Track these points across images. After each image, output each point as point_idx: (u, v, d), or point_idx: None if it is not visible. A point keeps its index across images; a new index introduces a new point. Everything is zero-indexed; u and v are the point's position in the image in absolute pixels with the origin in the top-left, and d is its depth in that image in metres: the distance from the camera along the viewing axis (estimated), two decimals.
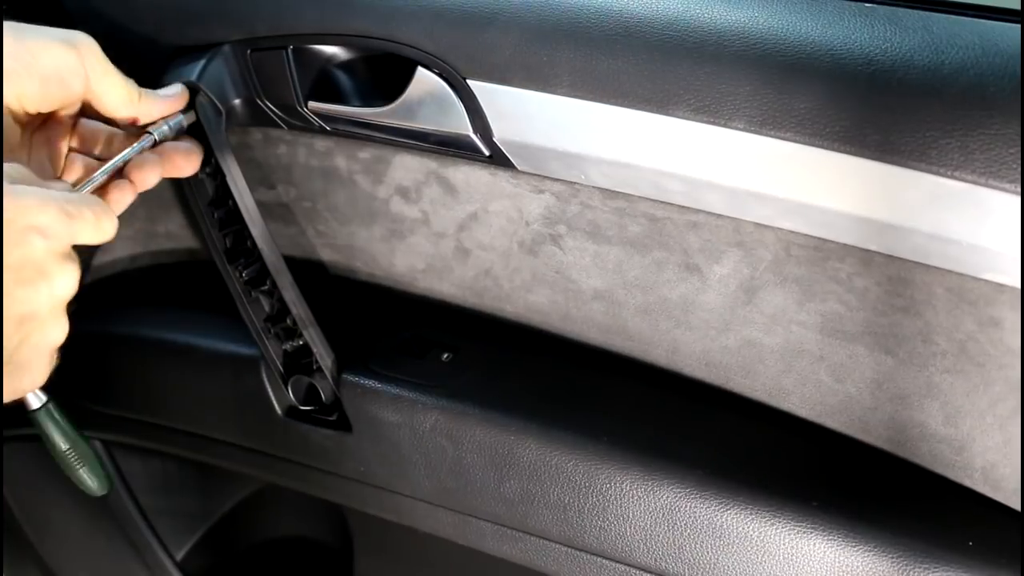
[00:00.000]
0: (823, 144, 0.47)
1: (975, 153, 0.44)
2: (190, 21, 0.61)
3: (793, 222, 0.51)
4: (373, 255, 0.70)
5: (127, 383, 0.80)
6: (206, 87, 0.58)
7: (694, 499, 0.58)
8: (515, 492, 0.64)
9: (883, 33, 0.47)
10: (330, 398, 0.68)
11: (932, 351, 0.53)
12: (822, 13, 0.49)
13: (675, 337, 0.61)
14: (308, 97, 0.60)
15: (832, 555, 0.55)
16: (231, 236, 0.62)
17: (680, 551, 0.59)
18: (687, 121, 0.50)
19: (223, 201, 0.61)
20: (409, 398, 0.65)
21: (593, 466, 0.61)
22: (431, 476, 0.66)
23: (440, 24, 0.54)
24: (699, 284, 0.58)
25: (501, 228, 0.63)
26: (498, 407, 0.64)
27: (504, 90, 0.54)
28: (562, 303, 0.64)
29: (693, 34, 0.50)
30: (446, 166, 0.62)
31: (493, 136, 0.56)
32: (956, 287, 0.50)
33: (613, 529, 0.61)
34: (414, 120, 0.58)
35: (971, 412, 0.53)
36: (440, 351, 0.69)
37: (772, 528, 0.56)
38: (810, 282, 0.54)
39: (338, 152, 0.65)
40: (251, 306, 0.64)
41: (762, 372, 0.59)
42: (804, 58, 0.47)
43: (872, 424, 0.57)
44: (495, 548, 0.67)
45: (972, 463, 0.55)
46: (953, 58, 0.45)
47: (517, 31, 0.52)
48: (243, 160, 0.69)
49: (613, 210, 0.58)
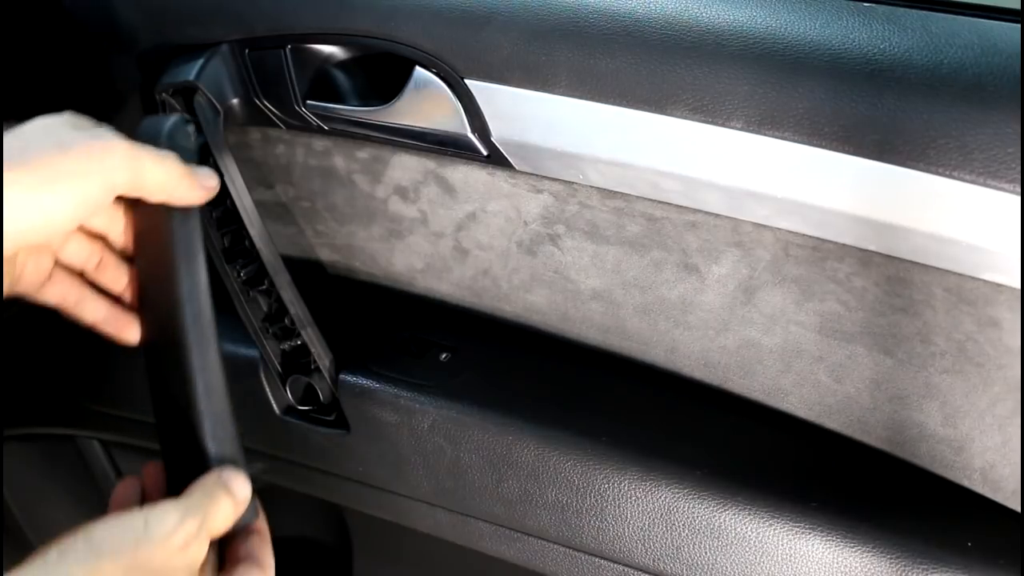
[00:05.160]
0: (821, 144, 0.47)
1: (974, 153, 0.44)
2: (188, 20, 0.61)
3: (791, 222, 0.51)
4: (371, 255, 0.70)
5: (127, 383, 0.80)
6: (204, 86, 0.58)
7: (692, 499, 0.58)
8: (513, 492, 0.63)
9: (882, 32, 0.47)
10: (328, 398, 0.68)
11: (931, 351, 0.53)
12: (820, 12, 0.49)
13: (674, 337, 0.61)
14: (306, 96, 0.60)
15: (831, 555, 0.55)
16: (229, 236, 0.62)
17: (678, 551, 0.59)
18: (685, 121, 0.50)
19: (221, 200, 0.61)
20: (407, 398, 0.65)
21: (591, 466, 0.60)
22: (429, 476, 0.66)
23: (438, 23, 0.54)
24: (697, 284, 0.58)
25: (499, 228, 0.63)
26: (496, 407, 0.64)
27: (502, 90, 0.54)
28: (560, 303, 0.64)
29: (691, 34, 0.49)
30: (444, 166, 0.62)
31: (491, 136, 0.56)
32: (955, 287, 0.50)
33: (611, 529, 0.61)
34: (412, 120, 0.58)
35: (970, 412, 0.53)
36: (438, 351, 0.68)
37: (771, 528, 0.56)
38: (809, 282, 0.54)
39: (336, 152, 0.65)
40: (249, 306, 0.64)
41: (761, 372, 0.59)
42: (802, 57, 0.47)
43: (871, 424, 0.57)
44: (493, 548, 0.67)
45: (971, 463, 0.55)
46: (952, 57, 0.45)
47: (515, 30, 0.52)
48: (241, 160, 0.69)
49: (611, 210, 0.58)
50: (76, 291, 0.50)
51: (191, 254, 0.49)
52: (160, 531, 0.42)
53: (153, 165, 0.45)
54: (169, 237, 0.48)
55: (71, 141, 0.43)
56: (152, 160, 0.45)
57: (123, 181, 0.44)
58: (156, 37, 0.63)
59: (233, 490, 0.47)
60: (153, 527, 0.42)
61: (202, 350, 0.49)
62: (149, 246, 0.49)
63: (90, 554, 0.40)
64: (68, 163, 0.42)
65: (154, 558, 0.41)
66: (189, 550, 0.43)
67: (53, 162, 0.42)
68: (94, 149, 0.43)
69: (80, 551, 0.40)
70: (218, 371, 0.50)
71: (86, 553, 0.40)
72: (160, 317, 0.50)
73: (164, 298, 0.49)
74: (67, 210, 0.42)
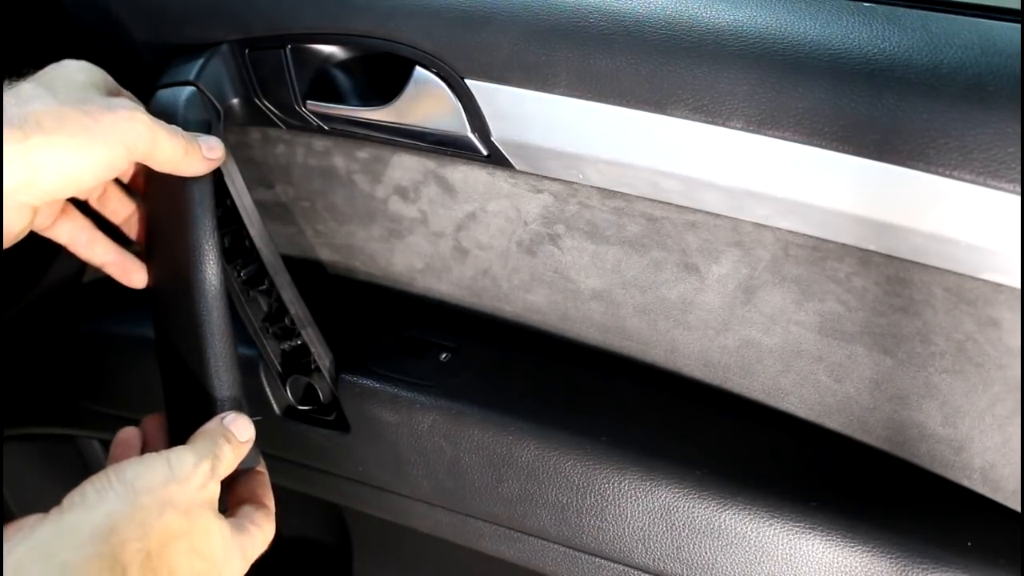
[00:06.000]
0: (821, 144, 0.47)
1: (974, 153, 0.44)
2: (188, 20, 0.61)
3: (791, 222, 0.51)
4: (371, 255, 0.70)
5: (127, 383, 0.80)
6: (204, 86, 0.58)
7: (692, 499, 0.58)
8: (513, 492, 0.63)
9: (882, 32, 0.47)
10: (328, 398, 0.68)
11: (931, 351, 0.53)
12: (820, 12, 0.49)
13: (673, 337, 0.61)
14: (306, 96, 0.60)
15: (830, 555, 0.55)
16: (229, 236, 0.62)
17: (678, 551, 0.59)
18: (685, 121, 0.50)
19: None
20: (407, 398, 0.65)
21: (591, 466, 0.60)
22: (429, 476, 0.66)
23: (438, 23, 0.54)
24: (697, 284, 0.58)
25: (499, 228, 0.63)
26: (496, 407, 0.64)
27: (502, 89, 0.54)
28: (560, 303, 0.64)
29: (691, 33, 0.49)
30: (444, 166, 0.62)
31: (491, 136, 0.56)
32: (955, 287, 0.50)
33: (611, 529, 0.61)
34: (412, 120, 0.58)
35: (970, 412, 0.53)
36: (438, 351, 0.68)
37: (770, 528, 0.56)
38: (809, 282, 0.54)
39: (336, 152, 0.65)
40: (249, 306, 0.64)
41: (760, 372, 0.59)
42: (802, 57, 0.47)
43: (871, 424, 0.57)
44: (493, 548, 0.67)
45: (971, 463, 0.55)
46: (952, 57, 0.45)
47: (515, 30, 0.52)
48: (241, 160, 0.69)
49: (611, 210, 0.58)
50: (87, 233, 0.53)
51: (202, 204, 0.53)
52: (182, 471, 0.46)
53: (165, 140, 0.49)
54: (181, 191, 0.52)
55: (99, 107, 0.46)
56: (165, 135, 0.49)
57: (141, 151, 0.48)
58: (156, 37, 0.63)
59: (237, 434, 0.51)
60: (175, 467, 0.46)
61: (208, 295, 0.53)
62: (160, 195, 0.53)
63: (129, 491, 0.44)
64: (98, 129, 0.46)
65: (180, 495, 0.46)
66: (207, 488, 0.48)
67: (85, 127, 0.45)
68: (121, 119, 0.47)
69: (118, 490, 0.44)
70: (224, 316, 0.53)
71: (125, 490, 0.44)
72: (169, 263, 0.54)
73: (173, 244, 0.53)
74: (95, 172, 0.46)
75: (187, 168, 0.51)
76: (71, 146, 0.45)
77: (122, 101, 0.48)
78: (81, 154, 0.45)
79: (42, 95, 0.46)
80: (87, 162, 0.45)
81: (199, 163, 0.52)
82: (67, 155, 0.45)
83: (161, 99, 0.56)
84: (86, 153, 0.45)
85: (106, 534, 0.42)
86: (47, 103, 0.45)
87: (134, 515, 0.43)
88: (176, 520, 0.45)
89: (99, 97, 0.48)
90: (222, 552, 0.48)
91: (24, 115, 0.44)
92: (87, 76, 0.49)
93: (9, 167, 0.43)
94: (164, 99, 0.56)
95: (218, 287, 0.53)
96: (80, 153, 0.45)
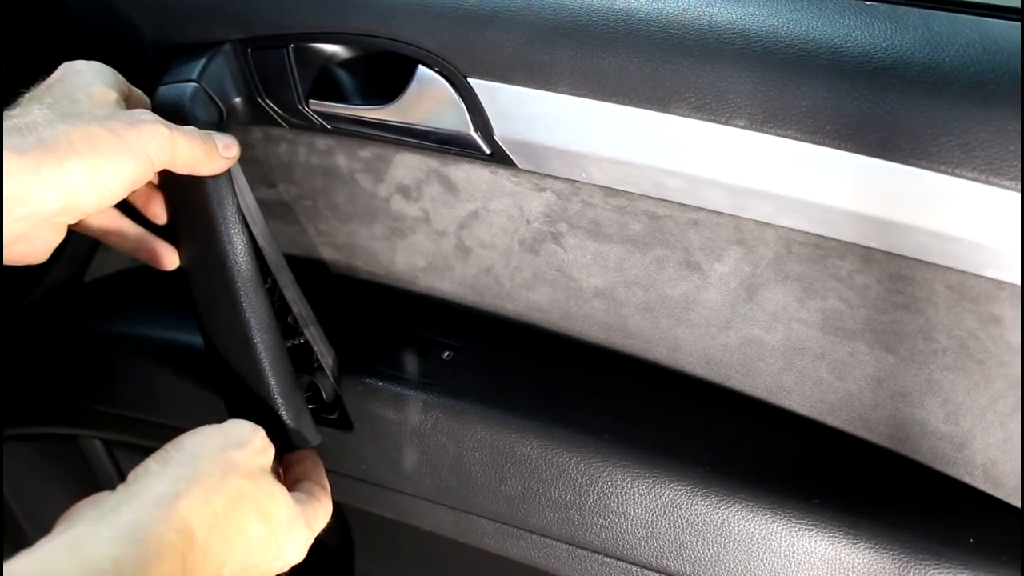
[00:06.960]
0: (824, 142, 0.47)
1: (976, 150, 0.44)
2: (191, 20, 0.61)
3: (794, 220, 0.52)
4: (374, 253, 0.70)
5: (127, 383, 0.79)
6: (207, 86, 0.58)
7: (695, 497, 0.58)
8: (516, 490, 0.64)
9: (884, 31, 0.47)
10: (331, 396, 0.68)
11: (933, 348, 0.53)
12: (823, 11, 0.49)
13: (676, 335, 0.61)
14: (309, 96, 0.60)
15: (833, 552, 0.55)
16: None
17: (681, 549, 0.59)
18: (688, 119, 0.50)
19: None
20: (410, 396, 0.65)
21: (594, 464, 0.61)
22: (432, 474, 0.66)
23: (441, 22, 0.54)
24: (700, 282, 0.58)
25: (502, 226, 0.63)
26: (499, 405, 0.64)
27: (505, 88, 0.54)
28: (563, 301, 0.64)
29: (694, 32, 0.50)
30: (447, 164, 0.62)
31: (494, 134, 0.56)
32: (957, 284, 0.50)
33: (614, 527, 0.61)
34: (415, 118, 0.58)
35: (972, 409, 0.53)
36: (441, 349, 0.69)
37: (773, 525, 0.57)
38: (811, 280, 0.54)
39: (339, 151, 0.65)
40: None
41: (763, 370, 0.59)
42: (805, 56, 0.47)
43: (873, 421, 0.57)
44: (496, 546, 0.67)
45: (973, 460, 0.55)
46: (954, 56, 0.45)
47: (518, 29, 0.53)
48: (244, 159, 0.68)
49: (614, 208, 0.58)
50: (115, 221, 0.55)
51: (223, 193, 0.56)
52: (239, 437, 0.49)
53: (183, 145, 0.51)
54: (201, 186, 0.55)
55: (124, 123, 0.48)
56: (183, 140, 0.51)
57: (162, 161, 0.50)
58: (158, 37, 0.63)
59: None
60: (232, 434, 0.49)
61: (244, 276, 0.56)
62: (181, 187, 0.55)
63: (190, 458, 0.46)
64: (125, 145, 0.48)
65: (240, 460, 0.48)
66: (265, 454, 0.50)
67: (113, 145, 0.47)
68: (144, 133, 0.49)
69: (179, 459, 0.46)
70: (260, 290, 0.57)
71: (186, 458, 0.46)
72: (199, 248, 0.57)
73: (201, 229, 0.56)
74: (124, 185, 0.48)
75: (206, 169, 0.53)
76: (103, 166, 0.47)
77: (141, 113, 0.50)
78: (112, 171, 0.47)
79: (69, 114, 0.47)
80: (117, 178, 0.48)
81: (217, 162, 0.54)
82: (100, 175, 0.47)
83: (164, 96, 0.56)
84: (117, 170, 0.47)
85: (172, 497, 0.43)
86: (75, 123, 0.47)
87: (198, 479, 0.45)
88: (239, 482, 0.47)
89: (121, 112, 0.50)
90: (286, 517, 0.49)
91: (55, 137, 0.46)
92: (103, 83, 0.50)
93: (47, 193, 0.45)
94: (167, 95, 0.56)
95: (253, 269, 0.56)
96: (111, 170, 0.47)
